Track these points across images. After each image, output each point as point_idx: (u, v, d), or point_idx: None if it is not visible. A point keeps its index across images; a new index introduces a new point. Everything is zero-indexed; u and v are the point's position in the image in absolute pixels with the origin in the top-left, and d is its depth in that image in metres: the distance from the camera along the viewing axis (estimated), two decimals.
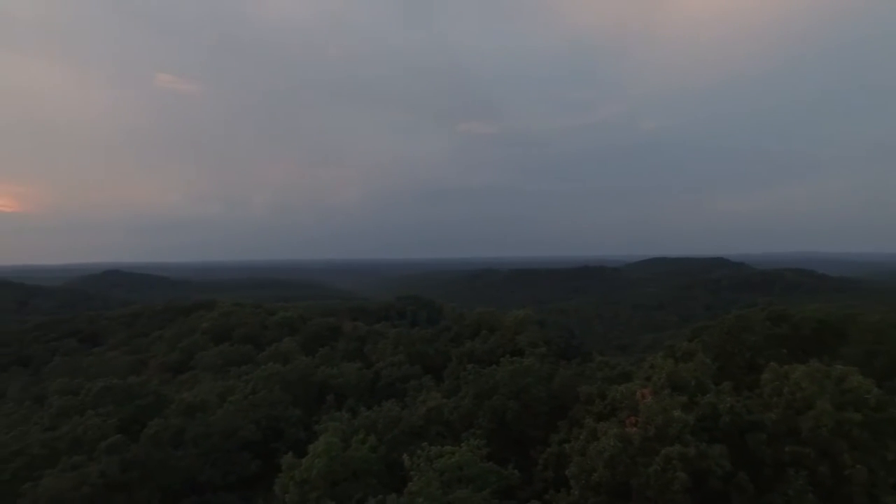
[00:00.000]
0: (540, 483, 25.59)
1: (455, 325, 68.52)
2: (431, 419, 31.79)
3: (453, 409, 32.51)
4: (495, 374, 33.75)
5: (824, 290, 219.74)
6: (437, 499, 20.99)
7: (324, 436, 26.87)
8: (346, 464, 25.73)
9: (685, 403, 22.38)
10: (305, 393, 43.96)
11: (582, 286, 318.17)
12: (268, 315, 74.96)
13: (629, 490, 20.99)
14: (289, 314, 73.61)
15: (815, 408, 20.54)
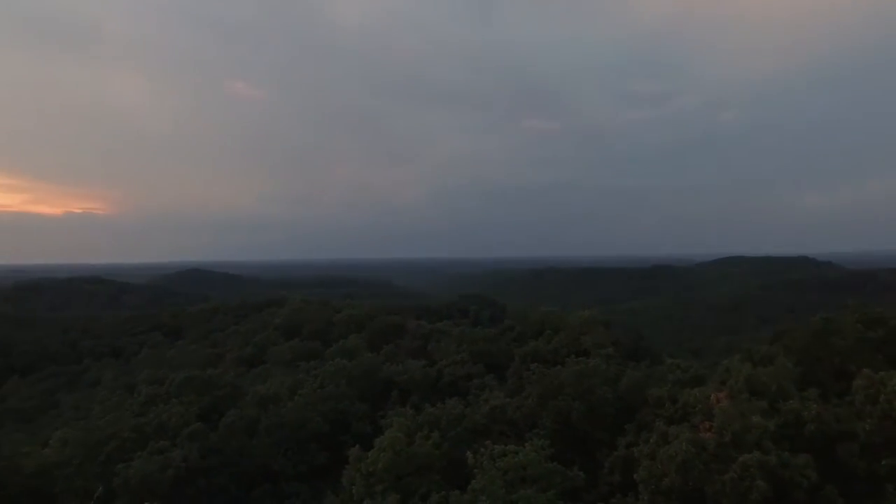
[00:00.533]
0: (606, 487, 24.93)
1: (518, 324, 67.97)
2: (495, 418, 31.68)
3: (517, 409, 32.24)
4: (560, 375, 33.18)
5: None
6: (500, 497, 20.88)
7: (389, 430, 27.36)
8: (410, 459, 26.08)
9: (765, 409, 21.13)
10: (371, 388, 44.98)
11: (650, 286, 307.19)
12: (334, 312, 77.25)
13: (703, 497, 20.05)
14: (355, 312, 75.55)
15: None
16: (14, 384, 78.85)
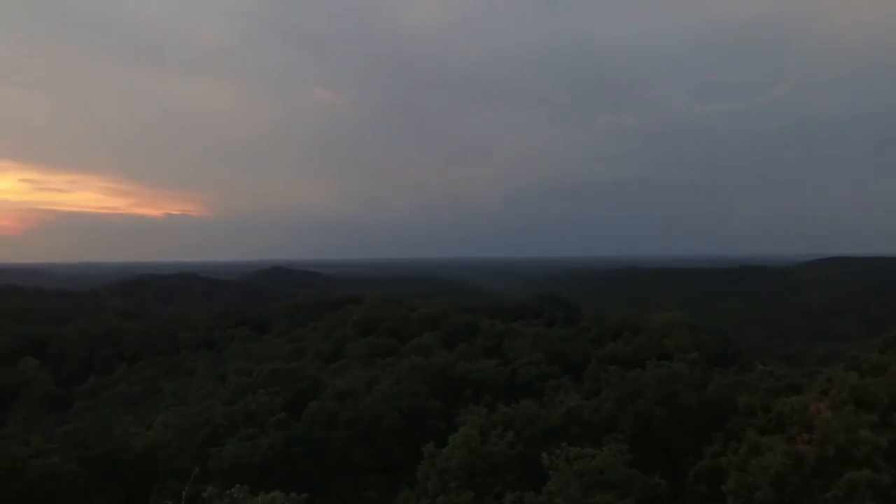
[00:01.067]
0: (691, 497, 23.68)
1: (595, 325, 66.13)
2: (571, 420, 30.96)
3: (594, 411, 31.35)
4: (640, 378, 31.93)
5: None
6: (577, 501, 20.35)
7: (463, 428, 27.43)
8: (484, 457, 26.02)
9: (875, 423, 19.24)
10: (445, 386, 45.36)
11: (740, 288, 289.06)
12: (409, 311, 78.64)
13: None
14: (429, 310, 76.54)
15: None
16: (123, 371, 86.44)
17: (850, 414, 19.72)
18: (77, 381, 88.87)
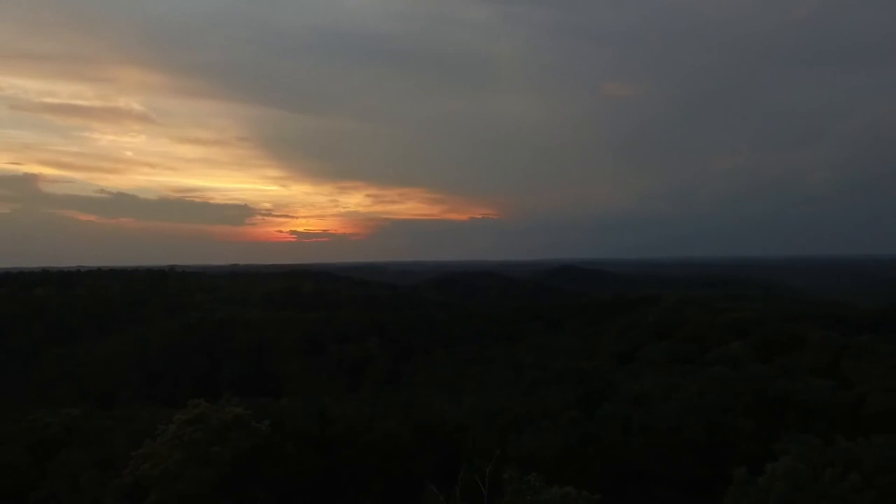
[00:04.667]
0: None
1: None
2: None
3: None
4: None
5: None
6: None
7: (786, 458, 23.15)
8: (817, 498, 21.42)
9: None
10: (758, 404, 39.19)
11: None
12: (714, 315, 70.65)
13: None
14: (739, 315, 67.42)
15: None
16: (439, 354, 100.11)
17: None
18: (405, 359, 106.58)
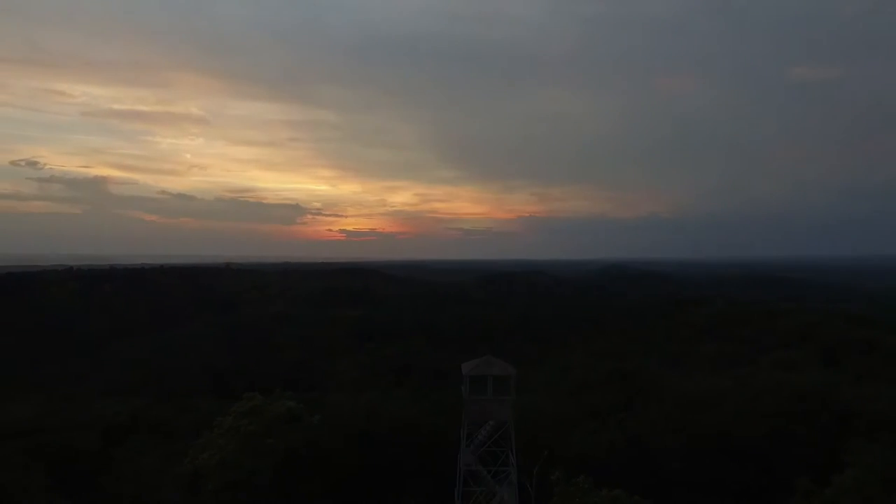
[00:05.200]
0: None
1: None
2: None
3: None
4: None
5: None
6: None
7: (853, 470, 22.01)
8: None
9: None
10: (821, 411, 37.21)
11: None
12: (769, 317, 67.65)
13: None
14: (799, 318, 64.32)
15: None
16: (486, 353, 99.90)
17: None
18: (451, 358, 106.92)
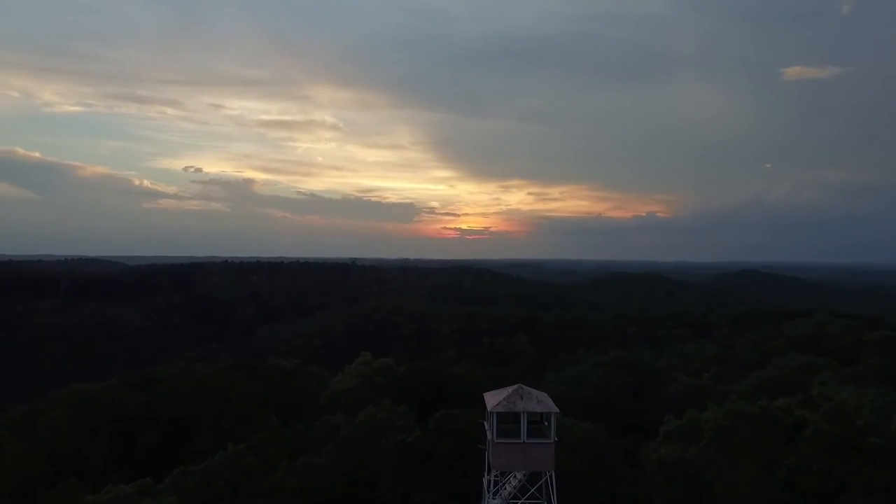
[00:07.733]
0: None
1: None
2: None
3: None
4: None
5: None
6: None
7: None
8: None
9: None
10: None
11: None
12: (867, 330, 65.69)
13: None
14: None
15: None
16: (581, 354, 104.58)
17: None
18: (550, 355, 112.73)
